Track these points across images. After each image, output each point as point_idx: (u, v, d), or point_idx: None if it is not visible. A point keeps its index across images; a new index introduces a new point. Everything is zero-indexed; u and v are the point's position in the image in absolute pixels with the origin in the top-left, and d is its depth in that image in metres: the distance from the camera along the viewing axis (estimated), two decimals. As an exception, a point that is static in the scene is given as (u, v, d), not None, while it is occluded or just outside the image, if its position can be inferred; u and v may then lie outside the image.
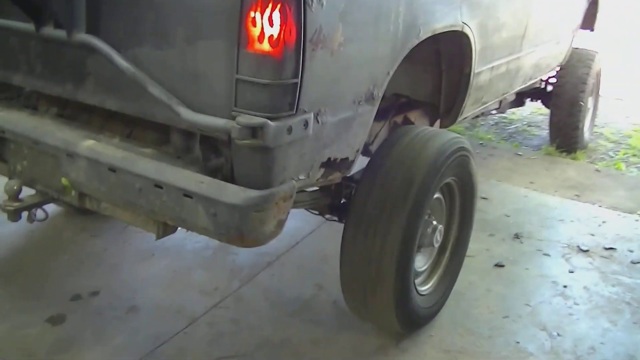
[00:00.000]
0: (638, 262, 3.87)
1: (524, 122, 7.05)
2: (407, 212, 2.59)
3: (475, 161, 3.07)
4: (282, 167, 2.00)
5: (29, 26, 2.33)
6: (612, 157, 6.05)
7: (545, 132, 6.19)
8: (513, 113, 7.27)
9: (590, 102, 5.92)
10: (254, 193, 1.93)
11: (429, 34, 2.64)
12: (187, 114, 2.01)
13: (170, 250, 3.69)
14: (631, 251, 4.01)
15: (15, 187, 2.49)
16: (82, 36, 2.20)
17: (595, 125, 6.49)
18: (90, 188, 2.27)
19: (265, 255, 3.67)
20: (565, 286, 3.56)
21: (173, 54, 2.09)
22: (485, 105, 3.83)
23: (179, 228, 2.28)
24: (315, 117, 2.07)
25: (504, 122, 7.02)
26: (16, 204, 2.50)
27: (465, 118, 3.73)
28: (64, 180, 2.33)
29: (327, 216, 3.09)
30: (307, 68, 1.94)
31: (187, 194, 1.99)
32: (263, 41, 1.85)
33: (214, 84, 2.01)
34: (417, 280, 3.04)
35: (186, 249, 3.72)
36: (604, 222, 4.41)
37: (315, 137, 2.11)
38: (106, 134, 2.41)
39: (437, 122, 3.57)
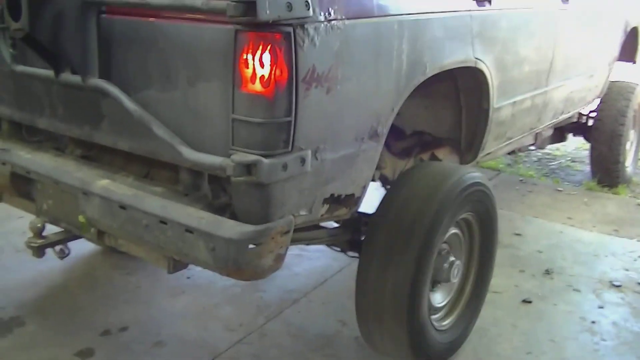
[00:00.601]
0: (672, 298, 3.77)
1: (568, 158, 6.95)
2: (418, 246, 2.61)
3: (493, 197, 3.07)
4: (280, 203, 2.06)
5: (50, 73, 2.48)
6: (657, 191, 5.91)
7: (589, 168, 6.10)
8: (557, 149, 7.20)
9: (632, 135, 5.83)
10: (249, 228, 1.99)
11: (437, 71, 2.68)
12: (188, 153, 2.10)
13: (201, 288, 3.77)
14: (666, 287, 3.91)
15: (39, 225, 2.63)
16: (95, 81, 2.32)
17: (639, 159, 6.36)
18: (104, 224, 2.38)
19: (292, 292, 3.72)
20: (593, 322, 3.49)
21: (176, 95, 2.19)
22: (510, 141, 3.82)
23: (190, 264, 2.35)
24: (314, 154, 2.13)
25: (547, 158, 6.94)
26: (40, 241, 2.64)
27: (489, 154, 3.73)
28: (81, 218, 2.45)
29: (349, 253, 3.13)
30: (300, 107, 2.01)
31: (189, 229, 2.07)
32: (255, 82, 1.93)
33: (213, 123, 2.10)
34: (436, 316, 3.04)
35: (215, 286, 3.79)
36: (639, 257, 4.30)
37: (314, 173, 2.17)
38: (122, 174, 2.52)
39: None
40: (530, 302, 3.68)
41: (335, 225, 3.03)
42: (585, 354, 3.20)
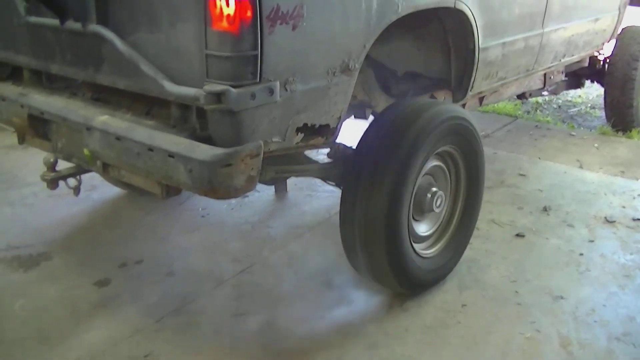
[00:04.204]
0: (665, 232, 3.90)
1: (588, 105, 7.00)
2: (394, 177, 2.82)
3: (476, 130, 3.24)
4: (250, 129, 2.30)
5: (57, 22, 2.75)
6: (671, 134, 5.95)
7: (606, 113, 6.17)
8: (579, 96, 7.26)
9: (646, 79, 5.85)
10: (220, 150, 2.24)
11: (411, 10, 2.84)
12: (169, 86, 2.35)
13: (213, 225, 4.06)
14: (661, 222, 4.04)
15: (51, 160, 2.95)
16: (93, 27, 2.59)
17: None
18: (104, 156, 2.65)
19: (298, 228, 3.99)
20: (581, 254, 3.65)
21: (161, 36, 2.44)
22: (505, 81, 3.95)
23: (182, 191, 2.62)
24: (283, 86, 2.35)
25: (567, 105, 7.01)
26: (53, 174, 2.95)
27: (481, 93, 3.88)
28: (85, 151, 2.73)
29: (342, 187, 3.34)
30: (266, 42, 2.23)
31: (171, 154, 2.33)
32: (223, 20, 2.16)
33: (191, 59, 2.34)
34: (422, 245, 3.26)
35: (227, 224, 4.08)
36: (639, 195, 4.41)
37: (284, 103, 2.39)
38: (122, 111, 2.79)
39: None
40: (523, 236, 3.86)
41: (327, 160, 3.24)
42: (568, 282, 3.38)
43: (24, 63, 3.20)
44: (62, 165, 3.08)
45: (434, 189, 3.16)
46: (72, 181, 3.09)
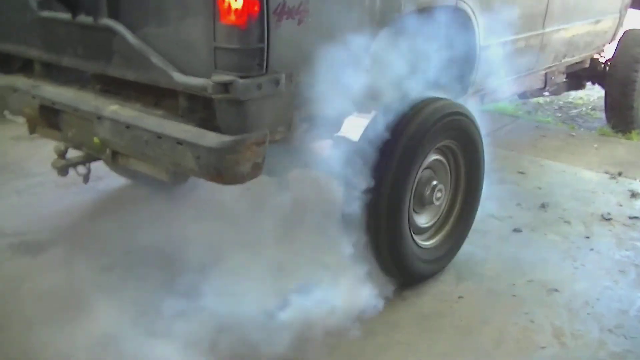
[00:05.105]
0: (660, 230, 3.97)
1: (589, 107, 7.08)
2: (395, 169, 2.91)
3: (477, 126, 3.33)
4: (256, 118, 2.39)
5: (69, 16, 2.84)
6: (670, 136, 6.02)
7: (606, 115, 6.24)
8: (580, 98, 7.33)
9: (647, 81, 5.93)
10: (227, 138, 2.33)
11: (414, 8, 2.93)
12: (178, 77, 2.44)
13: (218, 214, 4.10)
14: (656, 220, 4.11)
15: (62, 148, 3.03)
16: (104, 20, 2.68)
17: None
18: (114, 144, 2.75)
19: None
20: (577, 249, 3.73)
21: (170, 29, 2.53)
22: (504, 80, 4.03)
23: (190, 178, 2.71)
24: (288, 78, 2.44)
25: (568, 107, 7.09)
26: (63, 162, 3.04)
27: (481, 91, 3.96)
28: (95, 139, 2.82)
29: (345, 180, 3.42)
30: (272, 36, 2.32)
31: (179, 142, 2.43)
32: (231, 14, 2.25)
33: (200, 51, 2.43)
34: (422, 236, 3.34)
35: (232, 214, 4.13)
36: (637, 194, 4.49)
37: (290, 94, 2.48)
38: (132, 102, 2.87)
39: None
40: (520, 231, 3.94)
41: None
42: (562, 276, 3.46)
43: (35, 56, 3.29)
44: (72, 155, 3.17)
45: (434, 182, 3.25)
46: (81, 169, 3.18)
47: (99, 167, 4.17)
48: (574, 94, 7.29)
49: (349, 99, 2.79)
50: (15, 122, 3.74)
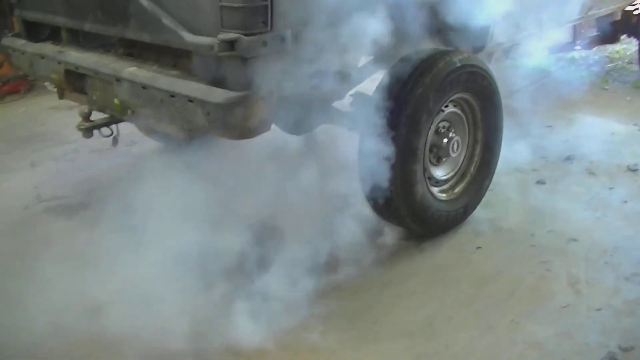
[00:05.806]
0: (686, 181, 3.92)
1: (626, 60, 6.92)
2: (409, 121, 2.95)
3: (492, 78, 3.33)
4: (263, 75, 2.45)
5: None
6: None
7: (642, 68, 6.12)
8: (617, 52, 7.16)
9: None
10: (233, 94, 2.41)
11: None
12: (187, 36, 2.52)
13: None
14: (684, 171, 4.05)
15: (86, 111, 3.16)
16: (120, -16, 2.77)
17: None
18: (132, 104, 2.86)
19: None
20: (600, 200, 3.72)
21: (181, -9, 2.60)
22: (527, 32, 3.99)
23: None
24: (294, 35, 2.50)
25: (604, 61, 6.93)
26: (87, 124, 3.17)
27: (502, 44, 3.93)
28: (115, 101, 2.93)
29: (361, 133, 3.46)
30: (276, -7, 2.38)
31: (190, 99, 2.52)
32: (235, -28, 2.31)
33: (208, 12, 2.50)
34: (441, 188, 3.38)
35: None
36: (665, 145, 4.44)
37: (297, 51, 2.54)
38: (150, 63, 2.97)
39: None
40: (544, 183, 3.95)
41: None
42: (583, 226, 3.46)
43: (61, 23, 3.40)
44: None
45: (451, 135, 3.27)
46: (106, 130, 3.30)
47: (133, 131, 4.32)
48: (610, 48, 7.13)
49: (356, 52, 2.84)
50: (52, 93, 3.89)
